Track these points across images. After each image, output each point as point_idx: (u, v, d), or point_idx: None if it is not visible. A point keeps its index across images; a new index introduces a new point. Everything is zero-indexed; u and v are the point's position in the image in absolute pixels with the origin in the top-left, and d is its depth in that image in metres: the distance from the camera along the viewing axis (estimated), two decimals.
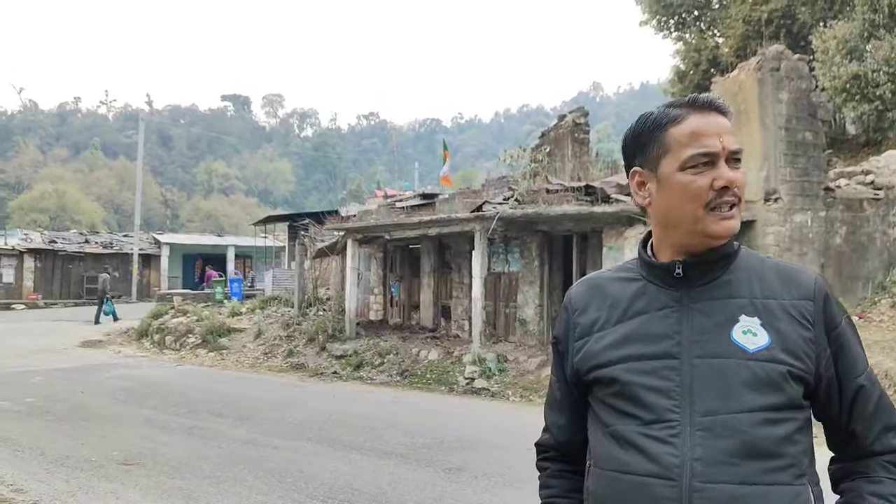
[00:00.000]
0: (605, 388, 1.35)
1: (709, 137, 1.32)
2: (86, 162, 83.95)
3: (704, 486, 1.22)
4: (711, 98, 1.37)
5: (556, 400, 1.53)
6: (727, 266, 1.36)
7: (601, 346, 1.37)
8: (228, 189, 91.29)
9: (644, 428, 1.29)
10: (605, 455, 1.34)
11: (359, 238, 15.25)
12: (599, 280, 1.48)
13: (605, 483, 1.33)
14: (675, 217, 1.36)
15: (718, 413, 1.25)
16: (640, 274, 1.41)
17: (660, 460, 1.26)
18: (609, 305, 1.40)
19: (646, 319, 1.35)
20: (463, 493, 5.88)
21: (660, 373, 1.30)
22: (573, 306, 1.46)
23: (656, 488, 1.25)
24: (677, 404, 1.27)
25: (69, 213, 56.70)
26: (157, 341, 17.65)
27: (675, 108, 1.37)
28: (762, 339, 1.29)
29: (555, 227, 12.30)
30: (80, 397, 10.50)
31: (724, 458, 1.23)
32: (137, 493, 5.85)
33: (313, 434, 8.13)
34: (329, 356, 14.07)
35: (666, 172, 1.35)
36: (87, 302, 32.52)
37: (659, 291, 1.36)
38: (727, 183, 1.30)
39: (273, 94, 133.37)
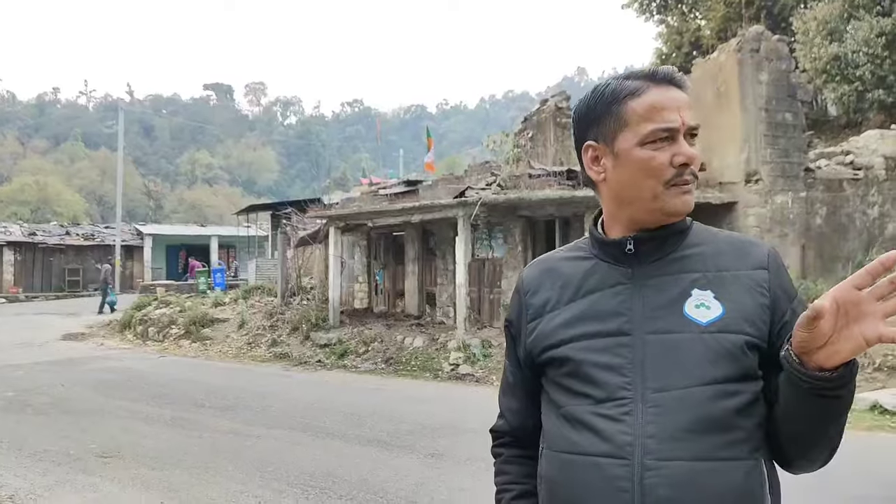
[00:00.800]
0: (558, 368, 1.32)
1: (669, 112, 1.28)
2: (66, 153, 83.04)
3: (657, 464, 1.19)
4: (670, 71, 1.33)
5: (510, 384, 1.50)
6: (680, 241, 1.34)
7: (553, 326, 1.34)
8: (212, 179, 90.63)
9: (596, 407, 1.26)
10: (557, 436, 1.32)
11: (341, 226, 15.16)
12: (551, 261, 1.45)
13: (557, 465, 1.30)
14: (631, 193, 1.32)
15: (671, 388, 1.22)
16: (592, 252, 1.38)
17: (612, 439, 1.23)
18: (561, 285, 1.37)
19: (598, 297, 1.32)
20: (444, 478, 5.87)
21: (612, 350, 1.27)
22: (525, 288, 1.44)
23: (609, 468, 1.22)
24: (629, 381, 1.24)
25: (51, 206, 56.07)
26: (140, 333, 17.52)
27: (633, 80, 1.32)
28: (715, 312, 1.26)
29: (537, 211, 12.28)
30: (61, 390, 10.40)
31: (678, 434, 1.20)
32: (116, 486, 5.80)
33: (296, 423, 8.10)
34: (313, 345, 14.02)
35: (624, 148, 1.31)
36: (68, 295, 32.28)
37: (610, 269, 1.34)
38: (687, 159, 1.27)
39: (256, 83, 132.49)
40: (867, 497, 5.12)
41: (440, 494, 5.44)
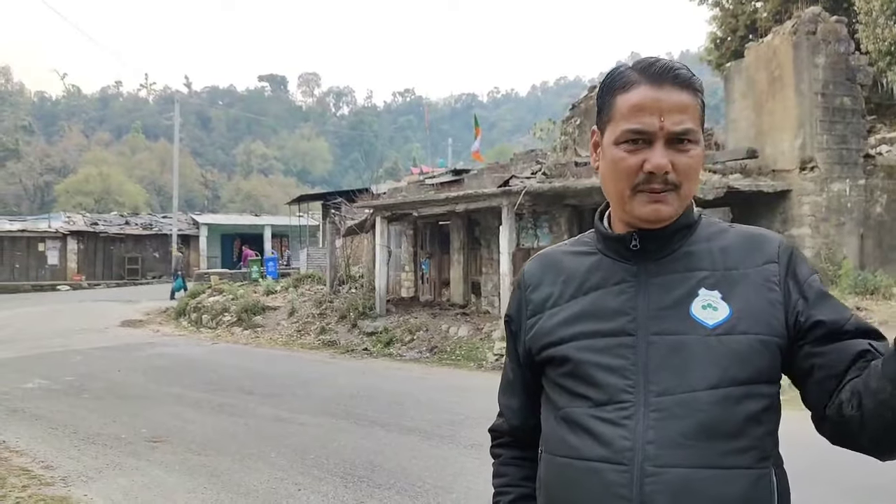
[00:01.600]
0: (557, 367, 1.28)
1: (648, 114, 1.21)
2: (128, 145, 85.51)
3: (657, 471, 1.14)
4: (668, 66, 1.24)
5: (509, 382, 1.46)
6: (687, 237, 1.28)
7: (553, 324, 1.30)
8: (267, 169, 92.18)
9: (596, 410, 1.21)
10: (555, 440, 1.27)
11: (387, 215, 15.25)
12: (554, 254, 1.40)
13: (556, 470, 1.26)
14: (608, 190, 1.30)
15: (675, 392, 1.17)
16: (597, 247, 1.33)
17: (611, 444, 1.18)
18: (563, 281, 1.32)
19: (600, 295, 1.27)
20: (482, 469, 5.83)
21: (614, 351, 1.22)
22: (526, 282, 1.39)
23: (607, 474, 1.17)
24: (631, 384, 1.19)
25: (113, 196, 57.88)
26: (194, 320, 17.98)
27: (632, 71, 1.26)
28: (722, 313, 1.20)
29: (584, 200, 12.12)
30: (117, 376, 10.74)
31: (680, 441, 1.15)
32: (162, 470, 5.96)
33: (339, 410, 8.19)
34: (360, 333, 14.16)
35: (606, 142, 1.28)
36: (128, 282, 33.32)
37: (615, 265, 1.28)
38: (654, 168, 1.20)
39: (309, 73, 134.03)
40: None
41: (477, 485, 5.43)
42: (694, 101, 1.24)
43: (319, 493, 5.34)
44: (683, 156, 1.22)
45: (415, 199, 14.30)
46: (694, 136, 1.23)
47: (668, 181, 1.22)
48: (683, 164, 1.22)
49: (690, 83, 1.24)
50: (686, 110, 1.23)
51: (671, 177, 1.22)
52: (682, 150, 1.22)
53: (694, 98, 1.24)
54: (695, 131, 1.24)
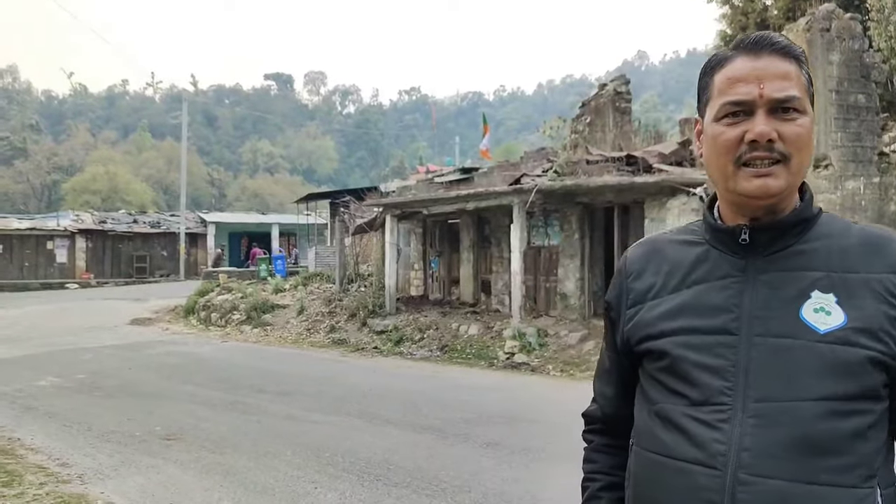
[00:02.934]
0: (655, 361, 1.23)
1: (745, 84, 1.16)
2: (135, 143, 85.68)
3: (751, 479, 1.09)
4: (764, 36, 1.20)
5: (605, 370, 1.42)
6: (803, 233, 1.20)
7: (654, 316, 1.25)
8: (273, 168, 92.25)
9: (691, 409, 1.16)
10: (647, 434, 1.23)
11: (397, 214, 15.22)
12: (659, 242, 1.34)
13: (645, 465, 1.23)
14: (712, 173, 1.24)
15: (777, 400, 1.11)
16: (704, 238, 1.27)
17: (705, 446, 1.13)
18: (667, 271, 1.27)
19: (704, 289, 1.21)
20: (499, 468, 5.83)
21: (714, 350, 1.16)
22: (628, 270, 1.34)
23: (698, 477, 1.12)
24: (730, 386, 1.13)
25: (120, 194, 57.97)
26: (203, 318, 17.99)
27: (730, 49, 1.23)
28: (837, 319, 1.12)
29: (595, 198, 12.07)
30: (128, 373, 10.75)
31: (778, 451, 1.09)
32: (177, 468, 5.95)
33: (352, 409, 8.18)
34: (370, 331, 14.15)
35: (706, 122, 1.24)
36: (136, 280, 33.36)
37: (722, 258, 1.22)
38: (756, 136, 1.15)
39: (315, 72, 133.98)
40: None
41: (494, 484, 5.41)
42: (796, 68, 1.19)
43: (336, 491, 5.32)
44: (790, 124, 1.16)
45: (425, 198, 14.27)
46: (800, 104, 1.17)
47: (773, 150, 1.16)
48: (791, 132, 1.16)
49: (790, 50, 1.19)
50: (788, 77, 1.17)
51: (778, 146, 1.16)
52: (787, 119, 1.16)
53: (797, 66, 1.19)
54: (800, 99, 1.17)
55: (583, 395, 1.51)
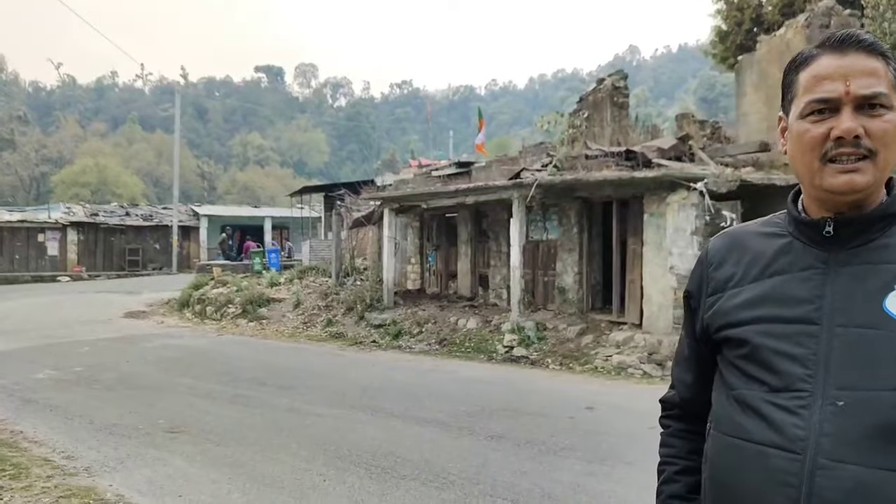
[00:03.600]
0: (735, 349, 1.26)
1: (830, 82, 1.18)
2: (124, 136, 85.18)
3: (831, 465, 1.11)
4: (849, 34, 1.22)
5: (685, 357, 1.45)
6: (889, 227, 1.21)
7: (734, 304, 1.28)
8: (264, 160, 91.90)
9: (771, 395, 1.19)
10: (725, 419, 1.26)
11: (395, 207, 15.20)
12: (742, 234, 1.37)
13: (723, 448, 1.26)
14: (797, 169, 1.26)
15: (857, 388, 1.13)
16: (787, 230, 1.30)
17: (784, 431, 1.16)
18: (748, 262, 1.30)
19: (786, 279, 1.24)
20: (507, 460, 5.85)
21: (795, 339, 1.19)
22: (709, 260, 1.37)
23: (776, 460, 1.15)
24: (811, 374, 1.16)
25: (110, 187, 57.63)
26: (198, 311, 17.92)
27: (816, 47, 1.25)
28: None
29: (594, 193, 12.09)
30: (126, 366, 10.70)
31: (858, 439, 1.11)
32: (184, 461, 5.93)
33: (355, 402, 8.17)
34: (367, 325, 14.13)
35: (791, 119, 1.26)
36: (129, 273, 33.18)
37: (805, 250, 1.25)
38: (843, 133, 1.16)
39: (306, 65, 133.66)
40: None
41: (503, 476, 5.42)
42: (883, 65, 1.20)
43: (345, 483, 5.32)
44: (877, 120, 1.18)
45: (425, 192, 14.25)
46: (887, 100, 1.19)
47: (860, 146, 1.17)
48: (878, 128, 1.18)
49: (876, 47, 1.21)
50: (875, 73, 1.19)
51: (865, 142, 1.17)
52: (874, 115, 1.18)
53: (883, 63, 1.20)
54: (887, 95, 1.19)
55: (583, 389, 1.56)
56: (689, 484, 1.39)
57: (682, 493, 1.40)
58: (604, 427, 6.96)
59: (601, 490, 5.12)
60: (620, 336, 11.06)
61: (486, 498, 4.98)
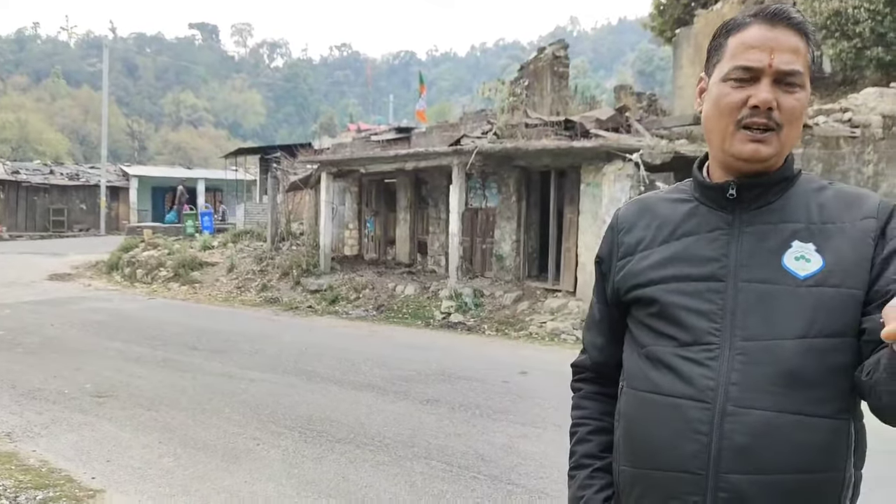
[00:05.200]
0: (645, 308, 1.32)
1: (757, 51, 1.23)
2: (47, 90, 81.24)
3: (738, 411, 1.18)
4: (782, 9, 1.26)
5: (595, 321, 1.49)
6: (785, 190, 1.29)
7: (644, 266, 1.33)
8: (197, 121, 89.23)
9: (681, 349, 1.25)
10: (638, 375, 1.31)
11: (333, 171, 14.99)
12: (651, 200, 1.42)
13: (637, 404, 1.31)
14: (710, 129, 1.31)
15: (761, 339, 1.20)
16: (693, 195, 1.35)
17: (694, 382, 1.22)
18: (657, 226, 1.35)
19: (694, 241, 1.30)
20: (441, 423, 5.92)
21: (703, 295, 1.25)
22: (619, 225, 1.42)
23: (688, 410, 1.21)
24: (718, 327, 1.23)
25: (32, 144, 55.02)
26: (127, 274, 17.40)
27: (747, 15, 1.29)
28: (815, 265, 1.22)
29: (533, 162, 12.18)
30: (51, 330, 10.34)
31: (763, 385, 1.18)
32: (113, 426, 5.80)
33: (290, 367, 8.12)
34: (304, 291, 13.99)
35: (712, 81, 1.30)
36: (53, 235, 31.92)
37: (710, 213, 1.31)
38: (759, 103, 1.22)
39: (242, 23, 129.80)
40: None
41: (437, 439, 5.49)
42: (805, 46, 1.26)
43: (279, 447, 5.30)
44: (790, 97, 1.23)
45: (363, 156, 14.09)
46: (801, 79, 1.24)
47: (771, 118, 1.23)
48: (789, 105, 1.23)
49: (803, 27, 1.26)
50: (797, 52, 1.24)
51: (775, 115, 1.23)
52: (788, 91, 1.24)
53: (806, 44, 1.26)
54: (803, 75, 1.24)
55: (517, 354, 1.60)
56: (602, 443, 1.43)
57: (595, 452, 1.44)
58: (536, 391, 7.10)
59: (532, 451, 5.24)
60: (555, 303, 11.26)
61: (420, 460, 5.04)
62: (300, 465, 4.94)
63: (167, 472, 4.81)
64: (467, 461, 5.03)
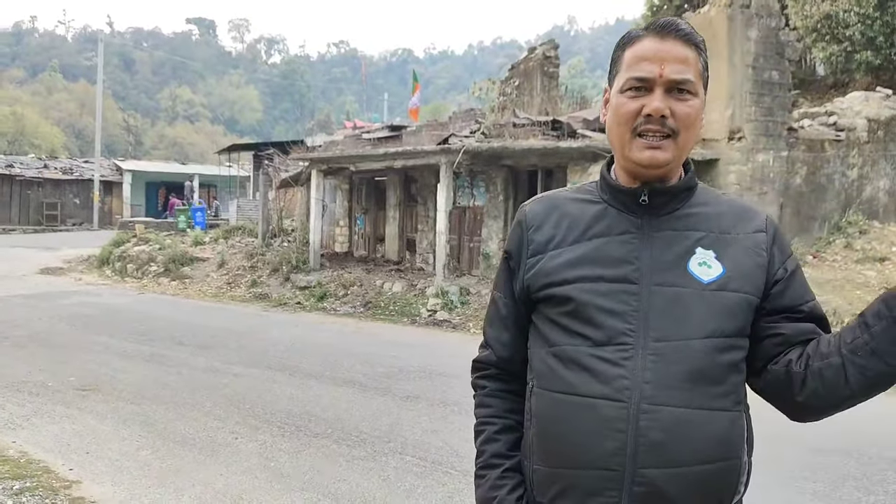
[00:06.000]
0: (558, 306, 1.34)
1: (649, 63, 1.30)
2: (44, 84, 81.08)
3: (652, 409, 1.25)
4: (670, 22, 1.33)
5: (501, 316, 1.49)
6: (687, 199, 1.37)
7: (556, 264, 1.36)
8: (193, 116, 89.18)
9: (595, 349, 1.29)
10: (549, 375, 1.33)
11: (324, 169, 15.06)
12: (557, 199, 1.46)
13: (551, 404, 1.33)
14: (612, 138, 1.38)
15: (672, 339, 1.27)
16: (601, 197, 1.40)
17: (610, 382, 1.26)
18: (567, 225, 1.39)
19: (605, 242, 1.34)
20: (418, 419, 6.00)
21: (618, 296, 1.30)
22: (528, 222, 1.44)
23: (604, 409, 1.26)
24: (633, 328, 1.28)
25: (27, 138, 54.97)
26: (118, 269, 17.46)
27: (642, 29, 1.36)
28: (716, 271, 1.31)
29: (520, 161, 12.27)
30: (39, 323, 10.40)
31: (674, 383, 1.26)
32: (94, 419, 5.87)
33: (274, 362, 8.19)
34: (293, 287, 14.07)
35: (612, 92, 1.37)
36: (46, 229, 31.92)
37: (620, 216, 1.36)
38: (652, 111, 1.28)
39: (239, 19, 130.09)
40: None
41: (414, 435, 5.58)
42: (695, 55, 1.33)
43: (257, 441, 5.38)
44: (682, 104, 1.30)
45: (353, 154, 14.16)
46: (693, 87, 1.32)
47: (665, 125, 1.30)
48: (682, 112, 1.30)
49: (691, 38, 1.33)
50: (686, 62, 1.31)
51: (669, 122, 1.30)
52: (681, 99, 1.31)
53: (695, 53, 1.33)
54: (694, 83, 1.32)
55: None
56: (509, 442, 1.44)
57: (503, 451, 1.44)
58: None
59: None
60: None
61: (396, 455, 5.12)
62: (276, 459, 5.02)
63: (144, 464, 4.88)
64: (441, 456, 5.11)
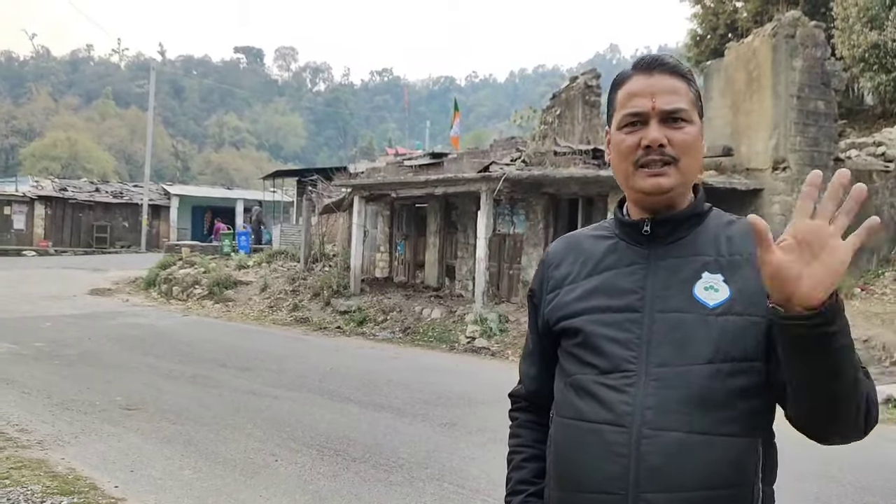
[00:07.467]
0: (571, 338, 1.41)
1: (640, 98, 1.36)
2: (97, 110, 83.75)
3: (653, 433, 1.27)
4: (655, 57, 1.40)
5: (529, 352, 1.59)
6: (696, 225, 1.40)
7: (570, 298, 1.43)
8: (239, 142, 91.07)
9: (601, 377, 1.34)
10: (564, 404, 1.40)
11: (366, 195, 15.27)
12: (577, 237, 1.55)
13: (563, 430, 1.39)
14: (617, 174, 1.43)
15: (673, 364, 1.30)
16: (614, 232, 1.46)
17: (614, 408, 1.31)
18: (582, 261, 1.46)
19: (613, 274, 1.40)
20: (456, 446, 6.01)
21: (622, 325, 1.34)
22: (549, 261, 1.52)
23: (608, 434, 1.30)
24: (635, 355, 1.32)
25: (80, 162, 56.74)
26: (164, 291, 17.86)
27: (631, 68, 1.42)
28: (723, 294, 1.31)
29: (561, 189, 12.28)
30: (88, 343, 10.69)
31: (675, 408, 1.27)
32: (138, 437, 6.01)
33: (313, 386, 8.29)
34: (333, 311, 14.22)
35: (612, 131, 1.42)
36: (96, 251, 32.80)
37: (628, 249, 1.41)
38: (650, 142, 1.34)
39: (286, 47, 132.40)
40: (873, 487, 5.18)
41: (451, 462, 5.58)
42: (684, 85, 1.38)
43: (296, 464, 5.44)
44: (678, 132, 1.35)
45: (394, 181, 14.34)
46: (686, 115, 1.36)
47: (664, 153, 1.35)
48: (679, 139, 1.35)
49: (678, 69, 1.39)
50: (676, 92, 1.37)
51: (668, 150, 1.34)
52: (676, 128, 1.36)
53: (684, 83, 1.38)
54: (687, 111, 1.37)
55: None
56: (535, 470, 1.51)
57: (528, 478, 1.51)
58: None
59: None
60: None
61: (433, 482, 5.13)
62: (315, 482, 5.07)
63: (186, 483, 4.98)
64: (479, 484, 5.10)
